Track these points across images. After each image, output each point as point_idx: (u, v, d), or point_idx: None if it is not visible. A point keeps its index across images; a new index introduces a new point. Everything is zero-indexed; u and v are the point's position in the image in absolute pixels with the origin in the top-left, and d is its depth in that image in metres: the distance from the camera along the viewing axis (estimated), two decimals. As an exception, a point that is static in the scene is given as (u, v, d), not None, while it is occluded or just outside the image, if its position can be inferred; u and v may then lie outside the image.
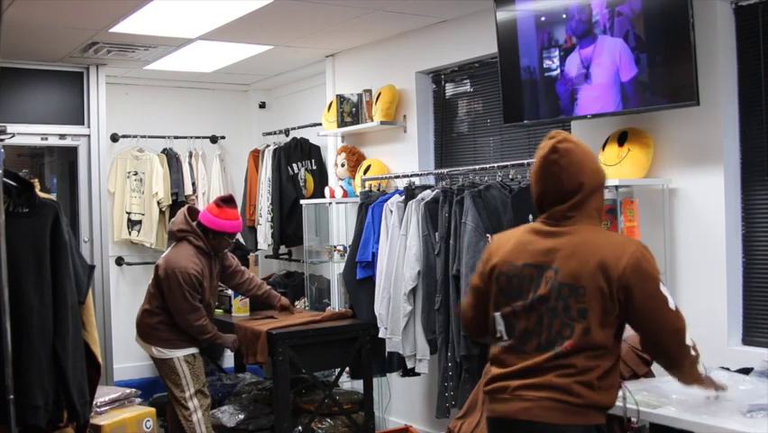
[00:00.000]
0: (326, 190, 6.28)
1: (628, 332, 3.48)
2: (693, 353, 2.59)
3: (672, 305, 2.50)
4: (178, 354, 4.74)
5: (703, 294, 3.93)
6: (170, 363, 4.73)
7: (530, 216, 4.44)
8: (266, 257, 7.57)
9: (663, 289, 2.50)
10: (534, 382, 2.47)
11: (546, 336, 2.49)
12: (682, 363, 2.61)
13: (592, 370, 2.46)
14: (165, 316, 4.80)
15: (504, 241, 2.71)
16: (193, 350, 4.82)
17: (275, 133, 7.58)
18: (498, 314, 2.61)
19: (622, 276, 2.44)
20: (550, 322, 2.49)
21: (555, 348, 2.46)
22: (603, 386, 2.49)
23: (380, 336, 5.05)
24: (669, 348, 2.54)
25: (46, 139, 6.36)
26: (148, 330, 4.84)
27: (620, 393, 2.88)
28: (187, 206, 5.10)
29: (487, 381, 2.61)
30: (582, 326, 2.45)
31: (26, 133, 6.13)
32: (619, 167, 4.05)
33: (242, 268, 5.32)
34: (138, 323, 4.94)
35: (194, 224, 4.81)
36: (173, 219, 5.05)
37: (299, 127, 7.21)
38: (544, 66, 4.36)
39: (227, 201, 4.93)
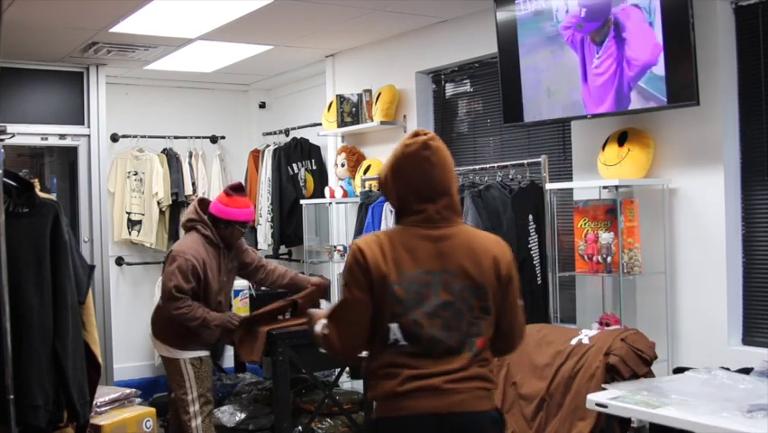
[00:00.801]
0: (326, 190, 6.28)
1: (629, 333, 3.49)
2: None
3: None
4: (185, 356, 4.62)
5: (703, 294, 3.93)
6: (176, 364, 4.64)
7: (530, 217, 4.45)
8: (266, 257, 7.55)
9: None
10: (462, 376, 2.49)
11: (456, 340, 2.48)
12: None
13: (490, 360, 2.59)
14: None
15: (384, 251, 2.53)
16: (201, 353, 4.69)
17: (275, 133, 7.58)
18: (394, 325, 2.49)
19: (508, 270, 2.54)
20: (457, 325, 2.49)
21: (468, 349, 2.49)
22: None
23: (380, 335, 5.03)
24: (517, 340, 2.66)
25: (46, 139, 6.36)
26: (161, 327, 4.70)
27: (619, 393, 2.90)
28: (198, 197, 5.02)
29: (401, 381, 2.49)
30: (488, 322, 2.53)
31: (26, 133, 6.13)
32: (619, 167, 4.05)
33: (265, 262, 5.08)
34: (152, 320, 4.83)
35: (204, 215, 4.72)
36: (186, 211, 4.96)
37: (299, 127, 7.21)
38: (544, 66, 4.36)
39: (237, 189, 4.76)
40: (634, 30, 3.87)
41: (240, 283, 5.61)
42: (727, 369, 3.39)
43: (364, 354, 2.63)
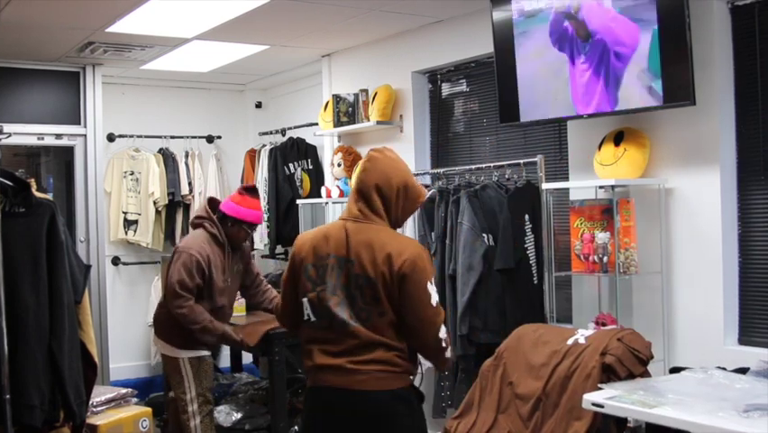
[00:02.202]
0: (323, 190, 6.28)
1: (626, 332, 3.50)
2: (444, 345, 2.92)
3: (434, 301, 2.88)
4: (184, 355, 4.58)
5: (699, 294, 3.94)
6: (175, 363, 4.60)
7: (526, 217, 4.45)
8: (262, 257, 7.56)
9: (430, 287, 2.89)
10: (363, 359, 2.85)
11: (349, 315, 2.86)
12: (438, 354, 2.95)
13: (401, 348, 2.88)
14: (191, 304, 4.52)
15: (309, 238, 3.05)
16: (201, 352, 4.64)
17: (271, 132, 7.57)
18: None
19: (401, 266, 2.82)
20: (351, 306, 2.87)
21: (367, 333, 2.85)
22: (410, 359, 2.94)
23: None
24: (428, 335, 2.90)
25: (42, 139, 6.35)
26: (164, 325, 4.63)
27: (615, 393, 2.90)
28: (209, 196, 5.01)
29: (318, 354, 2.91)
30: (377, 311, 2.85)
31: (22, 133, 6.12)
32: (615, 167, 4.05)
33: (262, 280, 5.11)
34: (154, 318, 4.80)
35: (212, 213, 4.67)
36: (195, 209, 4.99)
37: (296, 127, 7.21)
38: (540, 66, 4.36)
39: (250, 190, 4.74)
40: (615, 27, 3.88)
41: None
42: (724, 369, 3.39)
43: None
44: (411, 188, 3.02)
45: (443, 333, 2.90)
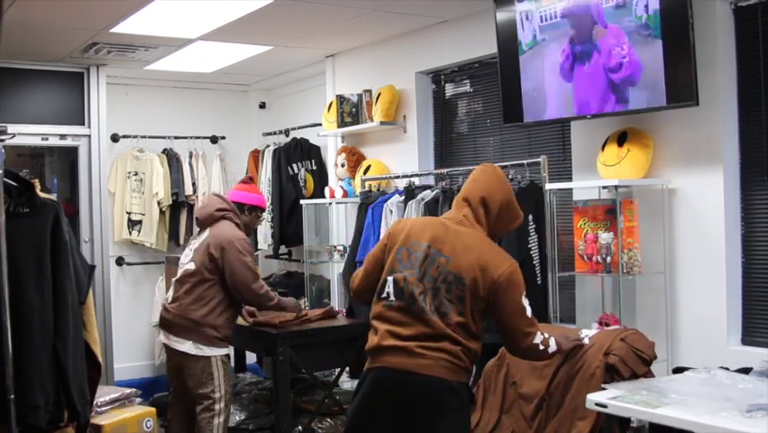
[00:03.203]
0: (326, 190, 6.29)
1: (629, 332, 3.51)
2: (542, 347, 3.19)
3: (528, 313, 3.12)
4: (217, 354, 4.49)
5: (702, 294, 3.94)
6: (206, 363, 4.48)
7: (530, 217, 4.46)
8: (266, 257, 7.57)
9: (524, 300, 3.11)
10: (431, 345, 3.00)
11: (430, 306, 3.03)
12: (539, 356, 3.27)
13: (467, 346, 3.05)
14: (216, 305, 4.50)
15: (408, 224, 3.27)
16: (228, 350, 4.62)
17: (275, 133, 7.58)
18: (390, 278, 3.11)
19: (497, 279, 3.04)
20: (433, 297, 3.04)
21: (439, 317, 3.02)
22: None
23: (380, 335, 5.05)
24: (510, 340, 3.18)
25: (46, 139, 6.36)
26: (190, 324, 4.48)
27: (618, 393, 2.91)
28: (213, 192, 5.06)
29: (385, 336, 3.07)
30: (457, 309, 3.02)
31: (27, 134, 6.13)
32: (619, 167, 4.05)
33: None
34: (176, 317, 4.53)
35: (231, 204, 4.68)
36: (202, 205, 4.86)
37: (299, 127, 7.22)
38: (544, 66, 4.37)
39: (251, 181, 4.98)
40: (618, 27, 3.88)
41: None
42: (727, 369, 3.39)
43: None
44: (512, 207, 3.27)
45: (538, 339, 3.15)
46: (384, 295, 3.12)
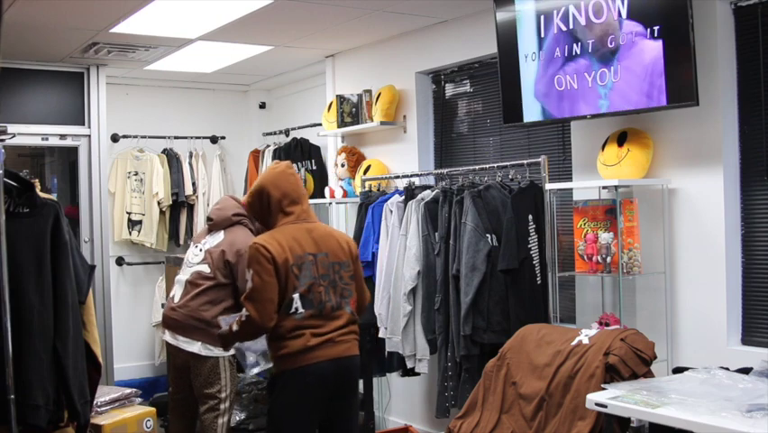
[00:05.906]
0: (326, 190, 6.29)
1: (629, 332, 3.50)
2: None
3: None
4: (225, 354, 4.48)
5: (702, 294, 3.94)
6: (213, 362, 4.48)
7: (530, 217, 4.46)
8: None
9: None
10: (346, 331, 3.55)
11: (336, 301, 3.53)
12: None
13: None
14: (227, 307, 4.45)
15: (281, 243, 3.49)
16: (233, 351, 4.45)
17: (275, 133, 7.59)
18: (296, 295, 3.45)
19: (355, 250, 3.74)
20: (334, 290, 3.55)
21: (346, 308, 3.57)
22: None
23: (380, 335, 5.06)
24: (366, 300, 3.84)
25: (47, 139, 6.36)
26: (201, 325, 4.45)
27: (618, 393, 2.90)
28: (229, 195, 5.03)
29: (308, 338, 3.44)
30: (353, 286, 3.65)
31: (27, 134, 6.14)
32: (619, 167, 4.05)
33: None
34: (185, 317, 4.49)
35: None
36: (218, 206, 4.79)
37: (299, 127, 7.22)
38: (544, 66, 4.37)
39: None
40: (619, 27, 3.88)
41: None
42: (727, 369, 3.39)
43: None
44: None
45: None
46: (292, 310, 3.44)
